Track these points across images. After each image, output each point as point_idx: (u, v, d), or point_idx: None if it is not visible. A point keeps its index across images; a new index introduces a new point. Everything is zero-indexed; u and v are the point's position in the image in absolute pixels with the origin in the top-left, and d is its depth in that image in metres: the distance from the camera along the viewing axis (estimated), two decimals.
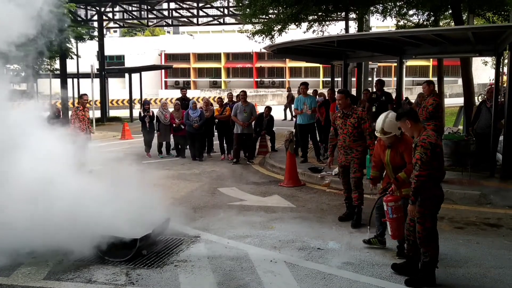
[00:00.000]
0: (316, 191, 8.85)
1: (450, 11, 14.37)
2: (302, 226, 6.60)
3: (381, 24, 23.44)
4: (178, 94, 22.25)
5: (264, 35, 16.69)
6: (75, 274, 4.93)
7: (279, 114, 21.89)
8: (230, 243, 5.90)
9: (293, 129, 11.46)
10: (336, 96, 7.58)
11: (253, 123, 12.04)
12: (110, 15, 28.29)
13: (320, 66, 45.92)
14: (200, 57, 52.86)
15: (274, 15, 16.79)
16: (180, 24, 34.29)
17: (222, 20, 29.19)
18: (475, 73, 16.99)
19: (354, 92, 14.31)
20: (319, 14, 16.76)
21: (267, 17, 17.20)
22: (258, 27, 17.23)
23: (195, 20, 28.53)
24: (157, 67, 39.76)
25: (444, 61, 17.73)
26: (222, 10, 27.50)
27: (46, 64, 21.12)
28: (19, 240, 5.26)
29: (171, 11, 28.05)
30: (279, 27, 16.04)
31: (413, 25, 17.02)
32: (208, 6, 26.91)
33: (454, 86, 37.86)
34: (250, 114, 11.75)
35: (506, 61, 9.90)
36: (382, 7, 15.89)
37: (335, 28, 20.93)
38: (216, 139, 12.88)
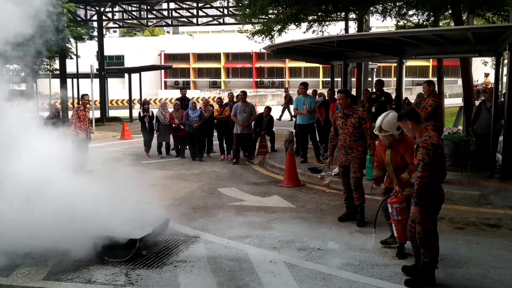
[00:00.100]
0: (316, 192, 8.85)
1: (450, 11, 14.37)
2: (302, 226, 6.60)
3: (381, 24, 23.40)
4: (177, 94, 22.28)
5: (263, 35, 16.67)
6: (74, 275, 4.92)
7: (277, 114, 21.90)
8: (229, 243, 5.90)
9: (292, 129, 11.46)
10: (336, 96, 7.57)
11: (252, 123, 12.03)
12: (109, 15, 28.24)
13: (320, 66, 45.89)
14: (200, 57, 52.80)
15: (274, 15, 16.76)
16: (179, 24, 34.27)
17: (221, 20, 29.15)
18: (475, 73, 16.99)
19: (354, 92, 14.30)
20: (319, 14, 16.75)
21: (266, 17, 17.17)
22: (258, 27, 17.21)
23: (194, 20, 28.49)
24: (156, 67, 39.72)
25: (444, 61, 17.74)
26: (221, 10, 27.46)
27: (45, 64, 21.06)
28: (19, 241, 5.25)
29: (170, 11, 28.00)
30: (279, 27, 16.02)
31: (413, 25, 17.02)
32: (208, 6, 26.87)
33: (454, 86, 37.85)
34: (249, 114, 11.74)
35: (506, 61, 9.91)
36: (382, 7, 15.88)
37: (335, 28, 20.90)
38: (216, 139, 12.87)
